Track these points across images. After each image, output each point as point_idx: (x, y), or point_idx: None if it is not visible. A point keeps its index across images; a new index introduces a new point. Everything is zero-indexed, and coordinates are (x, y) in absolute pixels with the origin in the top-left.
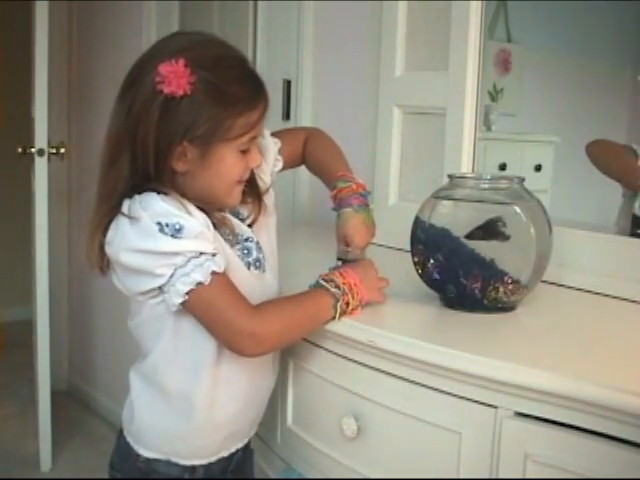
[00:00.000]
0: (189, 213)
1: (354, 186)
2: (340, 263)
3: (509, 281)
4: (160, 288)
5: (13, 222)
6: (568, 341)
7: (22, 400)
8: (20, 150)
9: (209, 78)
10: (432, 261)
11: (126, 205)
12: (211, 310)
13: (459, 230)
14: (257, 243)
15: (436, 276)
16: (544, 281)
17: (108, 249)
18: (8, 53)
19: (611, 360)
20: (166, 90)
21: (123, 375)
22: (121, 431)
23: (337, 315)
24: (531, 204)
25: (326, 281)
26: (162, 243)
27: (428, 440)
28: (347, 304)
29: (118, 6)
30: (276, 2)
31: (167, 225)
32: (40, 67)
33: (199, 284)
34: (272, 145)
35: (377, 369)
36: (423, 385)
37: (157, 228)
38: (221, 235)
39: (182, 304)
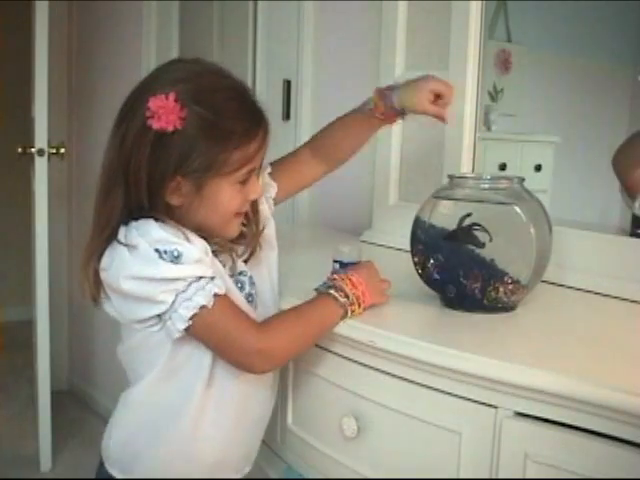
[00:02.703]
0: (187, 239)
1: None
2: (337, 266)
3: (509, 281)
4: (159, 316)
5: (13, 222)
6: (568, 341)
7: (22, 400)
8: (20, 150)
9: (201, 112)
10: (432, 261)
11: (122, 232)
12: (216, 332)
13: None
14: (250, 278)
15: (436, 276)
16: (544, 281)
17: (104, 275)
18: (8, 53)
19: (611, 360)
20: (155, 125)
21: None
22: (101, 462)
23: (342, 321)
24: (531, 204)
25: (335, 289)
26: (163, 269)
27: (428, 440)
28: (353, 311)
29: (118, 6)
30: (276, 2)
31: (165, 252)
32: (40, 67)
33: (202, 307)
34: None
35: (377, 369)
36: (423, 385)
37: (156, 255)
38: (220, 262)
39: (185, 329)
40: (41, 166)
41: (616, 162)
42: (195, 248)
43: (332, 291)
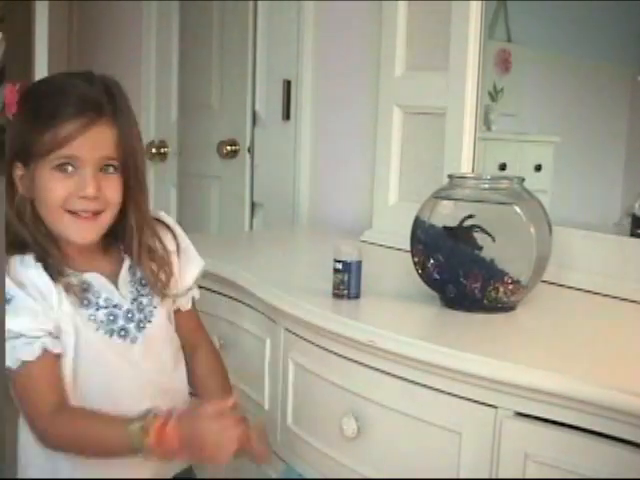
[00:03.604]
0: (21, 283)
1: None
2: (340, 266)
3: (509, 281)
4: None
5: None
6: (568, 341)
7: None
8: None
9: (26, 95)
10: (432, 261)
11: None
12: (21, 393)
13: None
14: (128, 311)
15: (436, 276)
16: (544, 281)
17: None
18: (8, 54)
19: (611, 360)
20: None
21: None
22: None
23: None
24: (531, 204)
25: (142, 430)
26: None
27: (428, 440)
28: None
29: (118, 6)
30: (276, 2)
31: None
32: (40, 67)
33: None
34: (193, 265)
35: (377, 369)
36: (423, 385)
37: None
38: (74, 294)
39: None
40: None
41: None
42: (27, 297)
43: (136, 428)
